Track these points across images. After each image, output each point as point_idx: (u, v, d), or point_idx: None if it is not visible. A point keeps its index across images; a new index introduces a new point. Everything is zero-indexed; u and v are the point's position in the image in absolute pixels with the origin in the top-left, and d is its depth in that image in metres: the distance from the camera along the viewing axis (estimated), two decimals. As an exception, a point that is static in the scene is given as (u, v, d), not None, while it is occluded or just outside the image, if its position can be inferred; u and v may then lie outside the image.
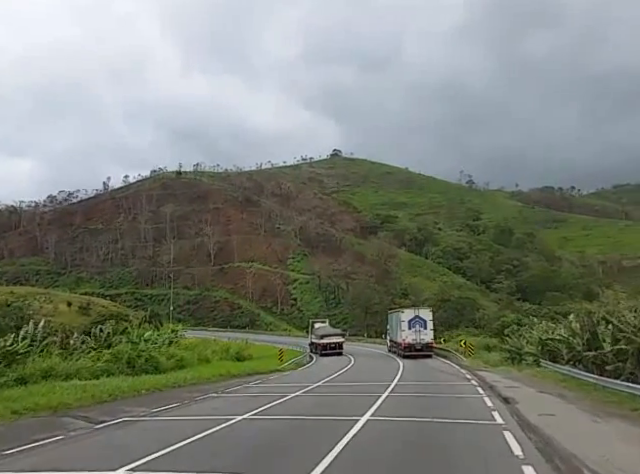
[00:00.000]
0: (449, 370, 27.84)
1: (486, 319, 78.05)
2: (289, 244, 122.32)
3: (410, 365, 32.38)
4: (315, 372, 30.05)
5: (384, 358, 42.38)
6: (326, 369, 30.74)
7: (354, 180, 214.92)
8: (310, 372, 30.62)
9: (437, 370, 28.25)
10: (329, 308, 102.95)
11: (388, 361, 38.56)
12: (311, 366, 36.83)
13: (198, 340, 64.65)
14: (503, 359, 40.44)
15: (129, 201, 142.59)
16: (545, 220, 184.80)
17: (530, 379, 22.04)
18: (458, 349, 48.94)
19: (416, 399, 15.87)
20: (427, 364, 33.30)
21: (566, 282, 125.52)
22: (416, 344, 38.39)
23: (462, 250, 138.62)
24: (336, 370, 29.15)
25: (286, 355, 40.36)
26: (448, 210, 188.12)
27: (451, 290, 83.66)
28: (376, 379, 22.79)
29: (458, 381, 21.79)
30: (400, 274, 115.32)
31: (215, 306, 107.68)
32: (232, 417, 11.86)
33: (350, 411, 12.80)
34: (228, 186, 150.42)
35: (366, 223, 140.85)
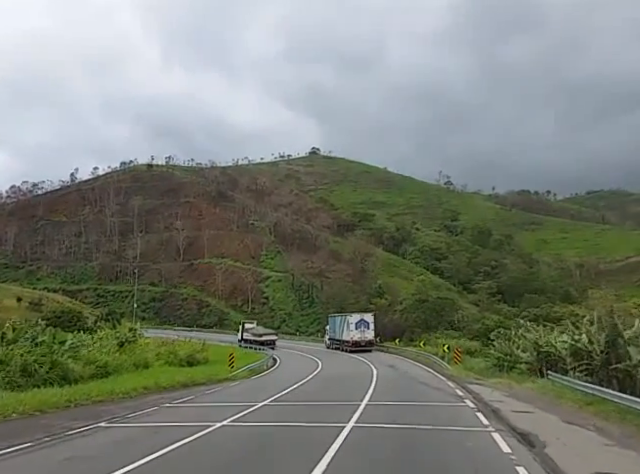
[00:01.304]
0: (433, 382, 22.55)
1: (466, 321, 73.44)
2: (262, 240, 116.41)
3: (385, 373, 27.17)
4: (270, 382, 24.58)
5: (355, 362, 37.22)
6: (285, 378, 25.42)
7: (332, 178, 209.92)
8: (264, 382, 25.06)
9: (418, 382, 22.94)
10: (302, 307, 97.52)
11: (359, 366, 33.44)
12: (270, 373, 31.31)
13: (158, 340, 59.01)
14: (489, 366, 35.77)
15: (95, 193, 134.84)
16: (522, 222, 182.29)
17: (540, 398, 16.91)
18: (437, 353, 44.31)
19: (391, 437, 10.48)
20: (407, 373, 28.07)
21: (544, 285, 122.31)
22: (361, 341, 48.38)
23: (440, 250, 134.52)
24: (296, 380, 23.76)
25: (242, 359, 34.89)
26: (426, 210, 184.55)
27: (429, 290, 78.94)
28: (342, 396, 17.40)
29: (447, 400, 16.51)
30: (377, 273, 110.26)
31: (182, 304, 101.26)
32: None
33: (286, 466, 7.47)
34: (201, 180, 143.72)
35: (343, 221, 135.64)
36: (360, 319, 49.76)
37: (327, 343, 58.01)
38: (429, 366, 32.26)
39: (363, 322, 49.53)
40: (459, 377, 24.00)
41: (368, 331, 49.41)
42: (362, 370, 29.97)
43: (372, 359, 38.59)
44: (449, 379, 23.57)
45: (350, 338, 48.22)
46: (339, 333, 52.47)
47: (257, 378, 27.23)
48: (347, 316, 51.31)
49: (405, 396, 17.61)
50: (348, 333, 48.97)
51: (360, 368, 31.98)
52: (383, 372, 27.72)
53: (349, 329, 48.94)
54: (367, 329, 49.44)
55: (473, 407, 14.78)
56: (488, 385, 21.08)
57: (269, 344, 54.87)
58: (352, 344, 47.57)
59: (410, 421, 12.08)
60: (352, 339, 48.02)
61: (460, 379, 23.07)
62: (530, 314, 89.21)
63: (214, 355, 44.63)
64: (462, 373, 25.56)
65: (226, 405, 15.54)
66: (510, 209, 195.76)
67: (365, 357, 40.72)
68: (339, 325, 52.76)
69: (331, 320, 57.64)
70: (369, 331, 49.52)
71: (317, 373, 28.97)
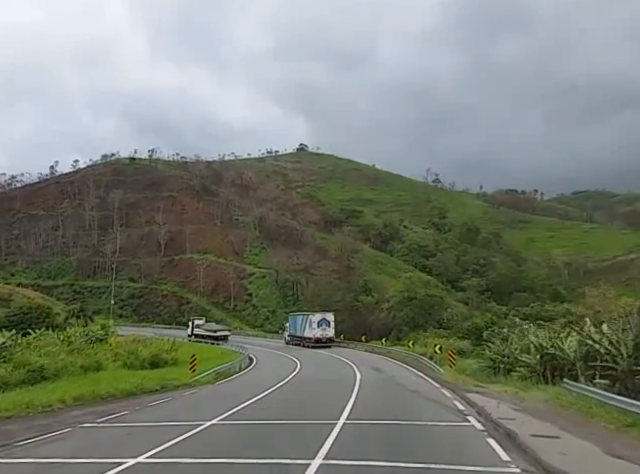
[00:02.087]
0: (426, 391, 19.04)
1: (455, 319, 70.37)
2: (247, 236, 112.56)
3: (370, 378, 23.69)
4: (235, 390, 21.00)
5: (337, 364, 33.79)
6: (254, 383, 21.93)
7: (320, 175, 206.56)
8: (227, 389, 21.40)
9: (408, 390, 19.43)
10: (287, 304, 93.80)
11: (341, 368, 30.01)
12: (240, 376, 27.66)
13: (130, 338, 55.76)
14: (483, 368, 32.52)
15: (75, 186, 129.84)
16: (510, 221, 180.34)
17: (561, 414, 13.50)
18: (426, 353, 41.07)
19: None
20: (394, 378, 24.55)
21: (533, 283, 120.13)
22: (322, 338, 51.34)
23: (428, 248, 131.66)
24: (267, 386, 20.22)
25: (215, 360, 31.32)
26: (414, 208, 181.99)
27: (417, 287, 75.79)
28: (314, 412, 13.85)
29: (447, 418, 13.01)
30: (363, 270, 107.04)
31: (162, 301, 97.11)
32: None
33: None
34: (185, 174, 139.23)
35: (330, 217, 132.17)
36: (322, 318, 53.36)
37: (287, 339, 60.48)
38: (419, 369, 28.84)
39: (325, 321, 53.14)
40: (455, 383, 20.56)
41: (329, 329, 52.99)
42: (344, 373, 26.45)
43: (356, 360, 35.14)
44: (444, 386, 20.10)
45: (313, 335, 51.74)
46: (300, 330, 55.48)
47: (222, 383, 23.53)
48: (310, 315, 54.71)
49: (393, 411, 14.09)
50: (310, 330, 52.31)
51: (342, 371, 28.48)
52: (367, 376, 24.23)
53: (311, 327, 52.28)
54: (328, 327, 52.95)
55: (481, 429, 11.31)
56: (491, 394, 17.66)
57: (222, 339, 59.24)
58: (314, 341, 50.98)
59: (399, 456, 8.58)
60: (314, 336, 51.53)
61: (456, 386, 19.62)
62: (519, 313, 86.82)
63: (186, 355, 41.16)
64: (458, 379, 22.18)
65: (161, 425, 11.93)
66: (498, 207, 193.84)
67: (348, 358, 37.25)
68: (301, 323, 55.92)
69: (292, 318, 60.85)
70: (330, 329, 53.09)
71: (293, 376, 25.49)
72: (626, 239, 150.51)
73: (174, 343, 46.66)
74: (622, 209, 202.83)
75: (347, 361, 34.63)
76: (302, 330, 54.92)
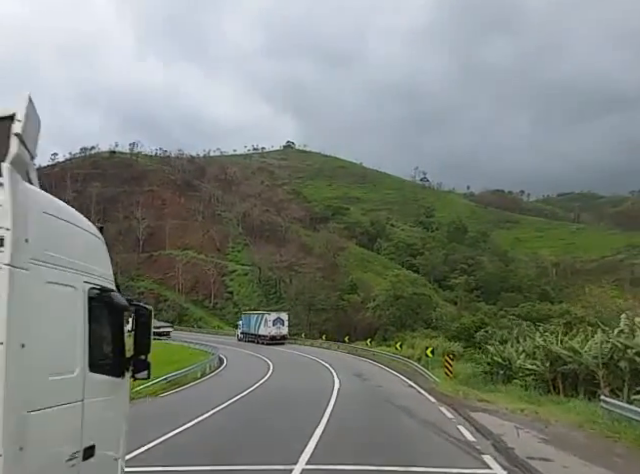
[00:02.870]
0: (420, 409, 14.98)
1: (444, 319, 66.81)
2: (229, 232, 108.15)
3: (350, 388, 19.67)
4: (179, 406, 16.76)
5: (314, 368, 29.79)
6: (209, 395, 17.72)
7: (307, 173, 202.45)
8: (170, 406, 17.14)
9: (397, 407, 15.39)
10: (269, 303, 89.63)
11: (317, 374, 26.02)
12: (193, 387, 23.45)
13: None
14: (477, 373, 28.98)
15: (50, 179, 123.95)
16: (498, 220, 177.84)
17: (611, 449, 9.60)
18: (413, 355, 37.70)
19: None
20: (380, 390, 20.49)
21: (521, 283, 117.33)
22: (277, 335, 54.54)
23: (415, 246, 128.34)
24: (221, 400, 16.14)
25: (171, 366, 27.18)
26: (401, 207, 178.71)
27: (404, 286, 72.04)
28: (262, 451, 9.69)
29: (454, 459, 9.00)
30: (349, 268, 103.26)
31: (139, 298, 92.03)
32: None
33: None
34: (167, 168, 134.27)
35: (316, 214, 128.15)
36: (277, 317, 57.04)
37: (239, 336, 62.81)
38: (409, 376, 24.92)
39: (279, 320, 56.70)
40: (454, 397, 16.62)
41: (283, 327, 56.68)
42: (320, 381, 22.43)
43: (337, 364, 31.15)
44: (441, 400, 16.13)
45: (268, 333, 54.90)
46: (255, 328, 58.35)
47: (167, 396, 19.26)
48: (265, 314, 58.03)
49: (377, 446, 10.05)
50: (266, 328, 55.40)
51: (318, 376, 24.49)
52: (348, 386, 20.22)
53: (267, 325, 55.43)
54: (282, 326, 56.64)
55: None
56: (502, 413, 13.74)
57: (165, 335, 61.06)
58: (270, 338, 54.15)
59: None
60: (270, 333, 54.80)
61: (457, 401, 15.68)
62: (507, 314, 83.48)
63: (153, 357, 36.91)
64: (458, 391, 18.18)
65: None
66: (485, 207, 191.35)
67: (329, 361, 33.21)
68: (255, 321, 58.88)
69: (245, 317, 63.60)
70: (284, 327, 56.80)
71: (259, 385, 21.56)
72: (614, 240, 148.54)
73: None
74: (609, 210, 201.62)
75: (326, 365, 30.60)
76: (257, 328, 57.84)
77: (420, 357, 37.66)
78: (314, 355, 39.22)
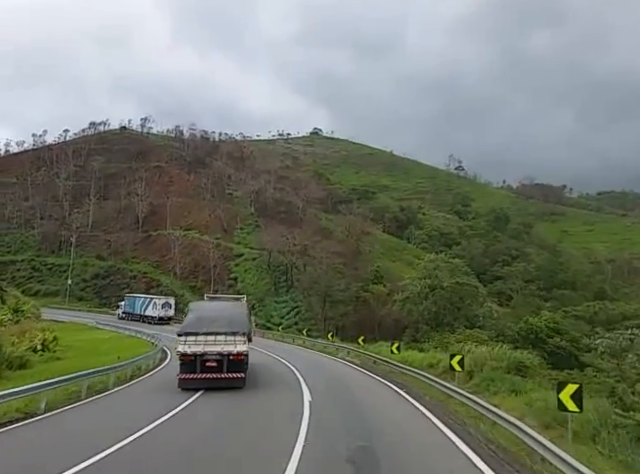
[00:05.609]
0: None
1: (495, 318, 50.46)
2: (239, 211, 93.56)
3: None
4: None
5: (286, 383, 14.29)
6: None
7: (333, 160, 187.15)
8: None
9: None
10: (278, 292, 74.68)
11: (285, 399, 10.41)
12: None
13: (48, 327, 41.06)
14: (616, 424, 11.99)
15: (52, 153, 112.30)
16: (541, 212, 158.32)
17: None
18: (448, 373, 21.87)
19: None
20: None
21: (575, 279, 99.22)
22: (164, 317, 60.74)
23: (451, 235, 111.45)
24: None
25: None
26: (434, 196, 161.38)
27: (443, 274, 55.80)
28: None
29: None
30: (374, 256, 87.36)
31: (129, 282, 78.57)
32: None
33: None
34: (177, 144, 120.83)
35: (339, 197, 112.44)
36: (166, 301, 62.20)
37: (121, 315, 64.95)
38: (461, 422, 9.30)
39: (167, 304, 61.98)
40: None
41: (170, 310, 61.52)
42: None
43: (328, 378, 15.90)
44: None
45: (157, 314, 60.21)
46: (141, 310, 62.37)
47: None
48: (154, 298, 62.87)
49: None
50: (154, 311, 60.76)
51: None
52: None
53: (156, 308, 60.78)
54: (170, 309, 61.66)
55: None
56: None
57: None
58: (158, 319, 59.42)
59: None
60: (158, 315, 60.08)
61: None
62: (568, 314, 66.32)
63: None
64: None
65: None
66: (527, 198, 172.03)
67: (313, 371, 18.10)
68: (142, 303, 62.76)
69: (130, 299, 65.51)
70: (170, 310, 61.55)
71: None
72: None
73: (52, 333, 30.95)
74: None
75: (301, 379, 15.27)
76: (144, 310, 62.02)
77: (471, 373, 22.30)
78: (303, 368, 23.75)
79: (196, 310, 18.62)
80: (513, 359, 26.57)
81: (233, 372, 16.09)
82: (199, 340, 16.27)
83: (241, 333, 16.85)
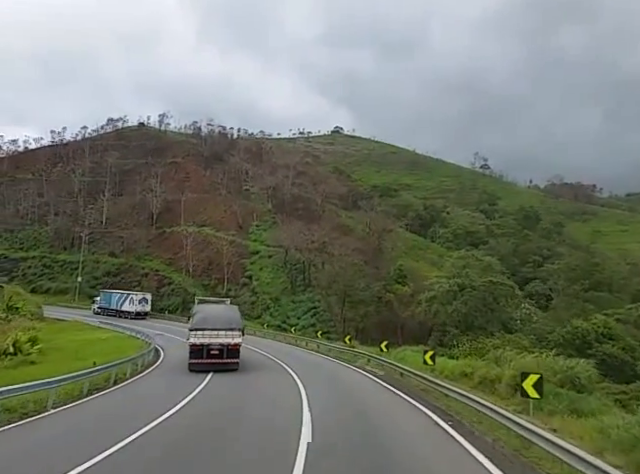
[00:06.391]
0: None
1: (534, 321, 44.90)
2: (255, 208, 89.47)
3: None
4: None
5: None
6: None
7: (354, 158, 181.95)
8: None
9: None
10: (295, 291, 70.18)
11: None
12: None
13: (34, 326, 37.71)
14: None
15: (68, 149, 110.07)
16: (572, 212, 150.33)
17: None
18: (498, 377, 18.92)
19: None
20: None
21: (611, 280, 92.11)
22: (141, 312, 60.83)
23: (478, 234, 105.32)
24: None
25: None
26: (459, 195, 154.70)
27: (474, 272, 50.35)
28: None
29: None
30: (397, 255, 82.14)
31: (140, 280, 75.04)
32: None
33: None
34: (195, 140, 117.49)
35: (360, 194, 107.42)
36: (143, 297, 62.23)
37: (96, 310, 63.91)
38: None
39: (144, 299, 62.10)
40: None
41: (147, 305, 61.87)
42: None
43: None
44: None
45: (134, 310, 60.31)
46: (118, 305, 61.91)
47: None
48: (131, 294, 62.36)
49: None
50: (131, 306, 60.62)
51: None
52: None
53: (133, 303, 60.75)
54: (146, 304, 61.81)
55: None
56: None
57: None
58: (135, 314, 59.47)
59: None
60: (135, 310, 60.19)
61: None
62: (609, 317, 59.96)
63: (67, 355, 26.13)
64: None
65: None
66: (556, 197, 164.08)
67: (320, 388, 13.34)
68: (118, 299, 62.52)
69: (107, 295, 64.93)
70: (147, 306, 61.84)
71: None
72: None
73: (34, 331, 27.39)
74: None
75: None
76: (120, 305, 61.81)
77: (516, 387, 17.76)
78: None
79: (201, 311, 23.23)
80: (568, 370, 21.63)
81: (230, 358, 21.22)
82: (205, 334, 21.27)
83: (237, 329, 21.96)
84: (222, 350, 20.99)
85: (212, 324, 21.62)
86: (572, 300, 56.76)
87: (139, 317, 59.15)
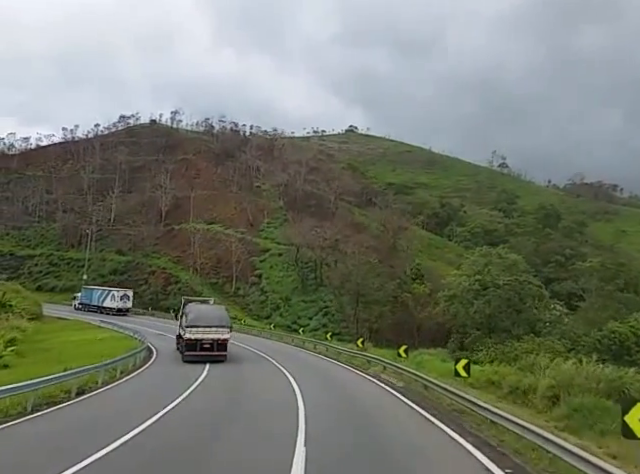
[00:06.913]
0: None
1: (565, 323, 40.98)
2: (266, 205, 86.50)
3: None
4: None
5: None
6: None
7: (369, 157, 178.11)
8: None
9: None
10: (306, 291, 66.94)
11: None
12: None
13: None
14: None
15: (79, 146, 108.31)
16: (594, 212, 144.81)
17: None
18: (531, 387, 16.88)
19: None
20: None
21: (638, 281, 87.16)
22: (123, 308, 60.52)
23: (496, 233, 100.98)
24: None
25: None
26: (476, 194, 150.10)
27: (497, 270, 46.46)
28: None
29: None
30: (413, 254, 78.42)
31: (147, 278, 72.51)
32: None
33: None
34: (206, 137, 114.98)
35: (374, 191, 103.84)
36: (124, 293, 62.12)
37: (77, 306, 64.58)
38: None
39: (126, 296, 62.09)
40: None
41: (128, 302, 61.99)
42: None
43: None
44: None
45: (115, 306, 60.59)
46: (99, 301, 62.04)
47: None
48: (112, 291, 62.52)
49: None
50: (112, 302, 61.04)
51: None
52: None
53: (114, 300, 61.12)
54: (128, 301, 62.04)
55: None
56: None
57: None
58: (117, 310, 59.60)
59: None
60: (117, 306, 60.46)
61: None
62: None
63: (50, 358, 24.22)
64: None
65: None
66: (577, 196, 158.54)
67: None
68: (100, 295, 62.54)
69: (87, 291, 64.92)
70: (129, 302, 62.05)
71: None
72: None
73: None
74: None
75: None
76: (102, 301, 61.78)
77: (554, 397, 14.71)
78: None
79: (194, 311, 25.68)
80: (616, 380, 18.27)
81: (220, 351, 24.04)
82: (199, 330, 23.91)
83: (226, 326, 24.76)
84: (213, 344, 23.84)
85: (205, 322, 24.34)
86: (606, 301, 52.44)
87: (120, 313, 59.03)
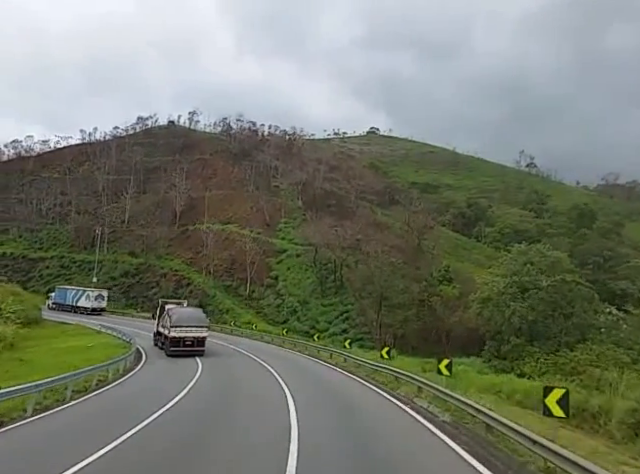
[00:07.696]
0: None
1: (623, 330, 35.23)
2: (284, 204, 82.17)
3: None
4: None
5: None
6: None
7: (391, 158, 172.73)
8: None
9: None
10: (325, 293, 62.09)
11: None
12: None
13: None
14: None
15: (95, 147, 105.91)
16: (630, 212, 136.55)
17: None
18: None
19: None
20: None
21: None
22: (97, 308, 61.90)
23: (528, 233, 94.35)
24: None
25: None
26: (503, 195, 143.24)
27: (539, 270, 40.85)
28: None
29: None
30: (440, 255, 72.94)
31: (159, 281, 68.68)
32: None
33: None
34: (224, 136, 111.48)
35: (397, 190, 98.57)
36: (99, 294, 63.54)
37: (51, 306, 64.60)
38: None
39: (100, 296, 63.44)
40: None
41: (103, 302, 63.37)
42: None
43: None
44: None
45: (90, 305, 61.79)
46: (74, 301, 63.84)
47: None
48: (87, 291, 63.87)
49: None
50: (87, 302, 62.32)
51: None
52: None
53: (89, 299, 62.45)
54: (102, 301, 63.37)
55: None
56: None
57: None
58: (91, 310, 60.78)
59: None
60: (91, 306, 61.53)
61: None
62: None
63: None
64: None
65: None
66: (611, 197, 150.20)
67: None
68: (74, 295, 64.18)
69: (62, 291, 66.12)
70: (103, 302, 63.33)
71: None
72: None
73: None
74: None
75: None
76: (76, 301, 62.99)
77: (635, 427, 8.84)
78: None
79: (177, 313, 30.24)
80: None
81: (199, 347, 28.97)
82: (183, 330, 28.75)
83: (205, 326, 30.20)
84: (194, 341, 28.55)
85: (187, 322, 28.91)
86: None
87: (95, 313, 59.97)
